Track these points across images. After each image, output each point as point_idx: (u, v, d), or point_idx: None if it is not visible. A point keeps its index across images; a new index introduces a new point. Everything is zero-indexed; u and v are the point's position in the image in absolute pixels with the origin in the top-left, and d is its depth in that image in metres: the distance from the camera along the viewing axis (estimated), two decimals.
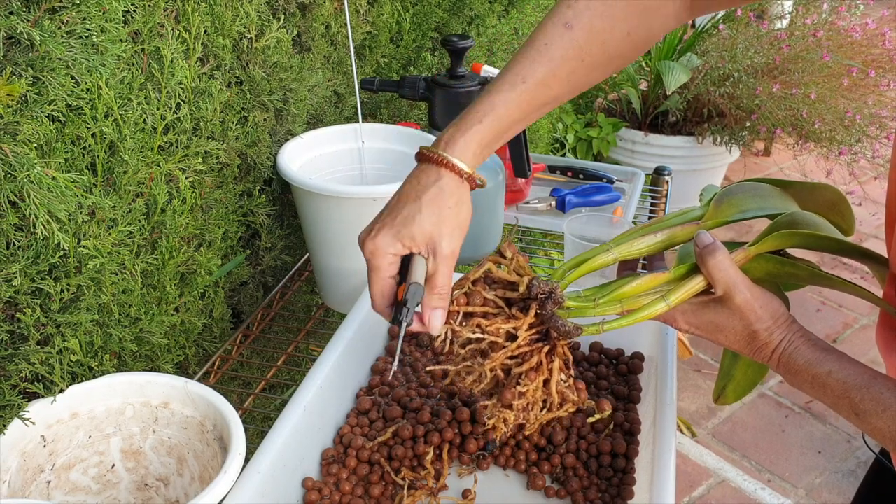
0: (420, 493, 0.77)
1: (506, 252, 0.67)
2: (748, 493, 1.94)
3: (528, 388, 0.65)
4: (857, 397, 0.61)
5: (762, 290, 0.65)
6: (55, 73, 0.64)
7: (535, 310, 0.64)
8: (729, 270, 0.64)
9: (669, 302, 0.65)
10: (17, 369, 0.70)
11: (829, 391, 0.63)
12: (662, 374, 0.83)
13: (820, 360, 0.63)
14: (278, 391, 1.10)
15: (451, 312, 0.65)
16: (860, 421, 0.61)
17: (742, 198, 0.71)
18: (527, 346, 0.65)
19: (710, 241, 0.64)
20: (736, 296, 0.64)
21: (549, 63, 0.69)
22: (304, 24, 1.07)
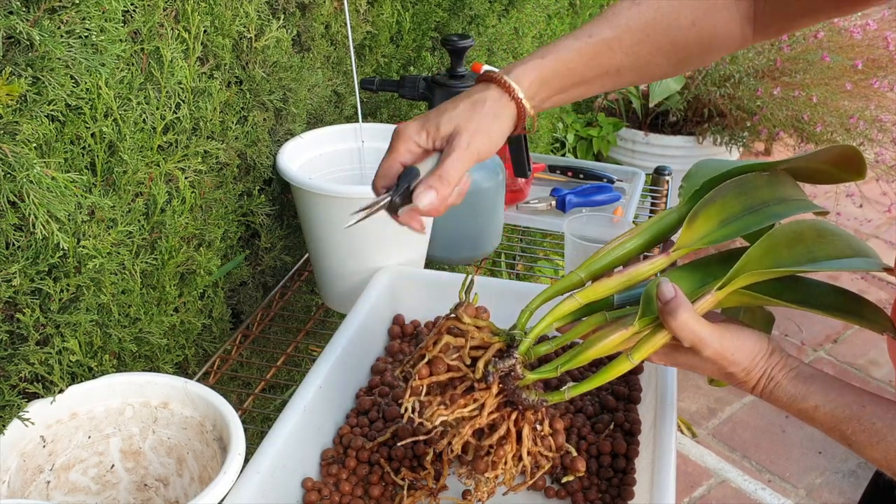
0: (420, 494, 0.77)
1: (463, 318, 0.65)
2: (748, 494, 1.94)
3: (500, 457, 0.65)
4: (847, 430, 0.59)
5: (733, 334, 0.63)
6: (55, 72, 0.64)
7: (498, 384, 0.63)
8: (694, 328, 0.60)
9: (633, 360, 0.63)
10: (16, 369, 0.70)
11: (818, 424, 0.61)
12: (662, 374, 0.83)
13: (804, 394, 0.61)
14: (278, 391, 1.10)
15: (415, 387, 0.65)
16: (854, 450, 0.60)
17: (721, 204, 0.65)
18: (495, 413, 0.64)
19: (671, 297, 0.60)
20: (704, 350, 0.62)
21: (614, 28, 0.69)
22: (303, 23, 1.07)
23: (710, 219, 0.65)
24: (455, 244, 1.18)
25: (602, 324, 0.67)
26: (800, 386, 0.62)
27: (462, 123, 0.65)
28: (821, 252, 0.64)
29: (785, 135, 2.63)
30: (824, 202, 3.02)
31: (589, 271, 0.68)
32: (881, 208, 2.91)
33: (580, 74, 0.69)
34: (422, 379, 0.64)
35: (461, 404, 0.63)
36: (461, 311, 0.65)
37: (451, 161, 0.64)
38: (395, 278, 1.00)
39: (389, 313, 1.00)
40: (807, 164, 0.68)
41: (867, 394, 0.61)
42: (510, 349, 0.65)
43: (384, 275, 1.00)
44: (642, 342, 0.63)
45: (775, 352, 0.64)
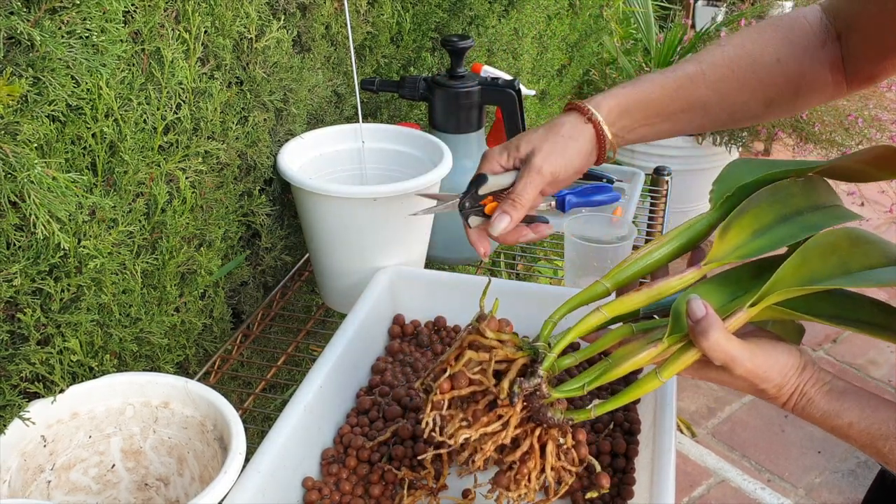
0: (420, 493, 0.77)
1: (486, 332, 0.63)
2: (748, 493, 1.94)
3: (524, 475, 0.63)
4: (884, 448, 0.58)
5: (765, 351, 0.61)
6: (55, 73, 0.64)
7: (523, 403, 0.62)
8: (726, 348, 0.59)
9: (662, 377, 0.62)
10: (17, 369, 0.70)
11: (852, 441, 0.60)
12: None
13: (837, 411, 0.60)
14: (278, 391, 1.10)
15: (436, 401, 0.63)
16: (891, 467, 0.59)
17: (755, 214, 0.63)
18: (518, 429, 0.63)
19: (702, 315, 0.59)
20: (736, 369, 0.60)
21: (699, 64, 0.71)
22: (304, 24, 1.07)
23: (743, 230, 0.62)
24: (455, 244, 1.18)
25: (628, 335, 0.65)
26: (833, 402, 0.60)
27: (538, 145, 0.68)
28: (855, 263, 0.62)
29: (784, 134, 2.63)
30: None
31: (615, 281, 0.66)
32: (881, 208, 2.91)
33: (663, 107, 0.70)
34: (443, 393, 0.62)
35: (484, 422, 0.61)
36: (484, 326, 0.63)
37: (522, 183, 0.67)
38: (395, 278, 1.00)
39: (389, 313, 1.00)
40: (846, 163, 0.67)
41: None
42: (534, 364, 0.63)
43: (384, 275, 1.00)
44: (672, 360, 0.61)
45: (807, 367, 0.62)
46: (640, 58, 2.85)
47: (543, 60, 1.96)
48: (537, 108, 2.07)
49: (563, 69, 2.23)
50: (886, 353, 2.43)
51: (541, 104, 2.11)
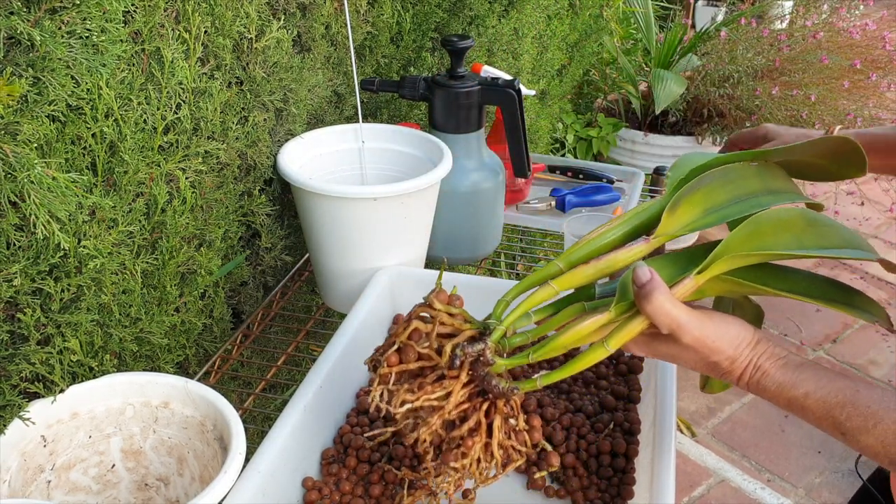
0: (420, 493, 0.77)
1: (434, 304, 0.63)
2: (748, 493, 1.94)
3: (469, 447, 0.62)
4: (841, 416, 0.57)
5: (715, 321, 0.60)
6: (55, 73, 0.64)
7: (468, 370, 0.61)
8: (671, 312, 0.58)
9: (609, 347, 0.60)
10: (17, 369, 0.70)
11: (809, 413, 0.58)
12: (662, 374, 0.83)
13: (794, 382, 0.59)
14: (278, 391, 1.10)
15: (384, 374, 0.62)
16: (848, 440, 0.57)
17: (706, 192, 0.62)
18: (466, 403, 0.62)
19: (646, 280, 0.58)
20: (683, 336, 0.59)
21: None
22: (304, 24, 1.08)
23: (694, 207, 0.61)
24: (455, 244, 1.18)
25: (581, 313, 0.64)
26: (789, 374, 0.59)
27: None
28: (810, 241, 0.61)
29: None
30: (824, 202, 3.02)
31: (568, 261, 0.65)
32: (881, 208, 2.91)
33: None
34: (391, 367, 0.62)
35: (428, 390, 0.61)
36: (432, 297, 0.63)
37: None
38: (395, 278, 1.00)
39: (389, 313, 1.00)
40: (801, 157, 0.65)
41: (860, 379, 0.58)
42: (483, 336, 0.62)
43: (384, 275, 1.00)
44: (618, 329, 0.60)
45: (762, 341, 0.61)
46: (640, 58, 2.85)
47: (543, 60, 1.96)
48: (537, 108, 2.07)
49: (563, 69, 2.23)
50: (886, 352, 2.43)
51: (541, 104, 2.11)
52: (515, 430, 0.64)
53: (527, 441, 0.65)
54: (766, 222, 0.60)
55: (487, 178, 1.16)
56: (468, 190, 1.14)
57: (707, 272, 0.59)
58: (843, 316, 2.57)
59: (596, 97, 2.89)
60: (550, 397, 0.88)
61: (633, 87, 2.73)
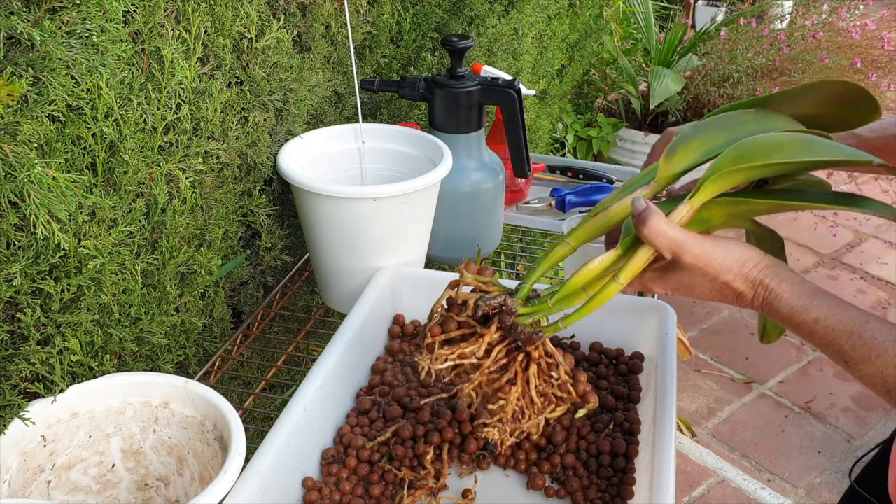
0: (420, 493, 0.77)
1: (464, 274, 0.67)
2: (748, 493, 1.94)
3: (506, 393, 0.65)
4: (846, 344, 0.57)
5: (718, 241, 0.61)
6: (55, 73, 0.64)
7: (496, 324, 0.64)
8: (667, 233, 0.59)
9: (621, 280, 0.62)
10: (17, 369, 0.70)
11: (816, 338, 0.59)
12: (662, 374, 0.83)
13: (805, 307, 0.59)
14: (278, 391, 1.10)
15: (428, 344, 0.67)
16: (849, 368, 0.58)
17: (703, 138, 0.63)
18: (504, 359, 0.65)
19: (642, 208, 0.60)
20: (684, 256, 0.60)
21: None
22: (304, 24, 1.07)
23: (690, 152, 0.62)
24: (455, 244, 1.18)
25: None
26: (802, 299, 0.59)
27: None
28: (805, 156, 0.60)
29: None
30: None
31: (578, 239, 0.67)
32: None
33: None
34: (434, 337, 0.66)
35: (463, 346, 0.65)
36: (461, 268, 0.67)
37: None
38: (395, 278, 1.00)
39: (389, 313, 1.00)
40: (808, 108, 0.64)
41: (869, 312, 0.59)
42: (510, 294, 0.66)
43: (384, 275, 1.00)
44: (626, 262, 0.62)
45: (775, 265, 0.61)
46: (640, 58, 2.85)
47: (543, 60, 1.96)
48: (537, 108, 2.07)
49: (563, 69, 2.23)
50: None
51: (541, 104, 2.11)
52: (559, 383, 0.67)
53: (571, 391, 0.68)
54: (756, 144, 0.59)
55: (487, 178, 1.16)
56: (468, 190, 1.14)
57: (700, 194, 0.59)
58: None
59: (596, 97, 2.89)
60: None
61: (633, 86, 2.73)
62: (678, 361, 0.86)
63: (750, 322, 2.56)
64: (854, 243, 2.95)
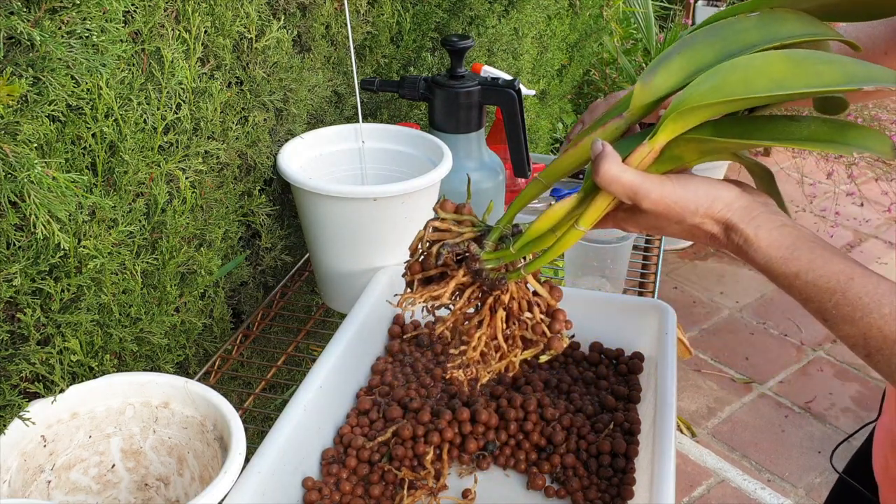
0: (420, 493, 0.77)
1: (439, 213, 0.66)
2: (748, 493, 1.94)
3: (471, 335, 0.65)
4: (828, 303, 0.53)
5: (681, 181, 0.55)
6: (55, 73, 0.64)
7: (464, 269, 0.64)
8: (621, 179, 0.54)
9: (581, 227, 0.58)
10: (17, 369, 0.70)
11: (795, 293, 0.54)
12: (662, 374, 0.83)
13: (784, 258, 0.54)
14: (278, 391, 1.10)
15: (408, 282, 0.66)
16: (829, 325, 0.54)
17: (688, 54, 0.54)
18: (478, 300, 0.65)
19: (598, 151, 0.55)
20: (642, 202, 0.55)
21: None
22: (304, 24, 1.07)
23: (672, 74, 0.54)
24: None
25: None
26: (781, 249, 0.54)
27: None
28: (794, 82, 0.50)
29: None
30: (824, 203, 3.02)
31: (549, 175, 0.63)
32: (881, 208, 2.91)
33: None
34: (413, 275, 0.66)
35: (432, 288, 0.65)
36: (437, 207, 0.66)
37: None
38: (395, 278, 1.00)
39: (389, 313, 1.00)
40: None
41: (856, 265, 0.54)
42: (480, 239, 0.65)
43: (384, 275, 1.00)
44: (586, 208, 0.58)
45: (750, 206, 0.55)
46: (640, 58, 2.85)
47: (543, 60, 1.96)
48: (537, 108, 2.07)
49: (563, 69, 2.23)
50: None
51: (541, 104, 2.11)
52: (532, 322, 0.66)
53: (545, 331, 0.66)
54: (735, 69, 0.51)
55: (487, 178, 1.16)
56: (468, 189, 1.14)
57: (661, 134, 0.53)
58: None
59: (596, 97, 2.89)
60: (550, 398, 0.88)
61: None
62: (678, 361, 0.86)
63: (750, 322, 2.56)
64: (854, 243, 2.95)
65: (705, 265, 2.87)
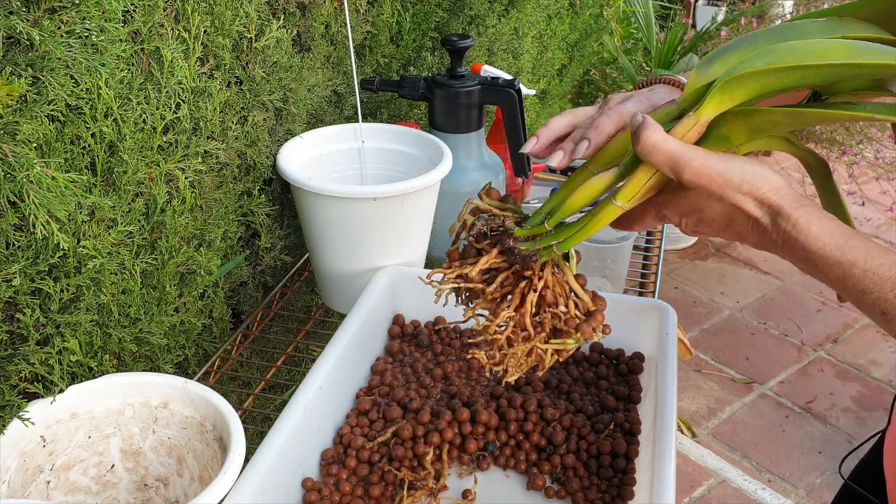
0: (420, 494, 0.77)
1: (483, 198, 0.65)
2: (748, 494, 1.94)
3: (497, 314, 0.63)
4: (891, 293, 0.49)
5: (724, 155, 0.53)
6: (55, 72, 0.64)
7: (498, 248, 0.62)
8: (662, 147, 0.52)
9: (619, 202, 0.56)
10: (16, 369, 0.70)
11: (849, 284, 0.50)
12: (662, 374, 0.83)
13: (839, 246, 0.50)
14: (278, 391, 1.10)
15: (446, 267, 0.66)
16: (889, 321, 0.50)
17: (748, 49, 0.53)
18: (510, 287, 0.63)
19: (638, 122, 0.53)
20: (683, 172, 0.53)
21: None
22: (303, 23, 1.07)
23: (729, 64, 0.53)
24: None
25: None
26: (835, 237, 0.51)
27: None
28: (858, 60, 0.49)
29: None
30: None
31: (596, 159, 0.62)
32: (881, 208, 2.91)
33: None
34: (452, 261, 0.66)
35: (464, 265, 0.64)
36: (482, 193, 0.65)
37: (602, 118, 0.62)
38: (395, 278, 1.00)
39: (389, 313, 1.00)
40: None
41: None
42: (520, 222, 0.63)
43: (384, 275, 1.00)
44: (626, 182, 0.56)
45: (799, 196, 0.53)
46: (640, 58, 2.85)
47: (543, 60, 1.95)
48: (537, 108, 2.07)
49: (563, 69, 2.23)
50: (887, 352, 2.43)
51: (541, 104, 2.11)
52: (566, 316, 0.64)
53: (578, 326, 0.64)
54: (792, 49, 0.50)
55: (487, 177, 1.15)
56: (468, 190, 1.14)
57: (707, 105, 0.51)
58: (844, 316, 2.57)
59: (596, 97, 2.88)
60: (551, 398, 0.88)
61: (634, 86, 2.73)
62: (678, 361, 0.86)
63: (750, 322, 2.56)
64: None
65: (706, 265, 2.87)
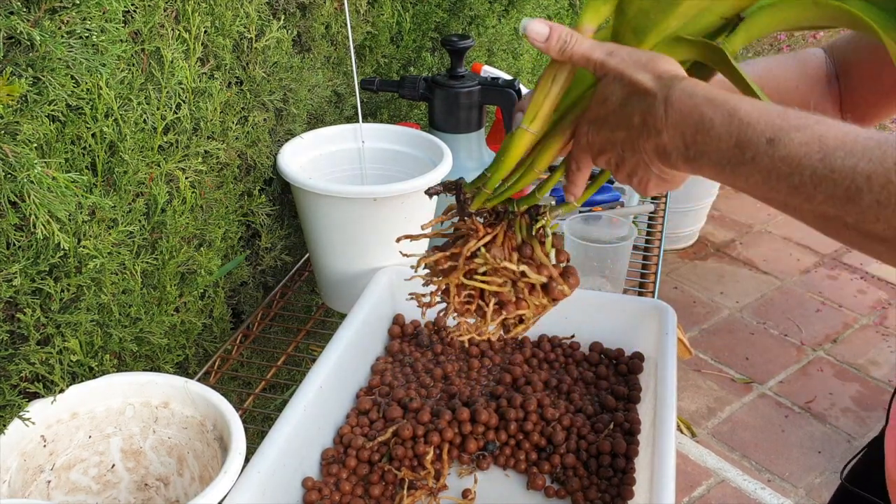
0: (420, 493, 0.77)
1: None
2: (748, 493, 1.94)
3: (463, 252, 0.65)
4: (778, 118, 0.47)
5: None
6: (55, 73, 0.64)
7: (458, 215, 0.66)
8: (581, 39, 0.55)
9: (524, 126, 0.57)
10: (17, 369, 0.70)
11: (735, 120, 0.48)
12: (662, 374, 0.83)
13: (724, 96, 0.49)
14: (278, 391, 1.10)
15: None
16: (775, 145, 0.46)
17: None
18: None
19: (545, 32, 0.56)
20: (595, 51, 0.54)
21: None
22: (304, 24, 1.07)
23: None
24: None
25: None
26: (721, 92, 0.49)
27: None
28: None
29: None
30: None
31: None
32: None
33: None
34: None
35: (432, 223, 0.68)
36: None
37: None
38: (395, 278, 1.00)
39: (389, 313, 1.00)
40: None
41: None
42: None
43: (384, 275, 1.00)
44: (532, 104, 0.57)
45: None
46: None
47: (544, 60, 1.96)
48: None
49: None
50: (886, 352, 2.43)
51: None
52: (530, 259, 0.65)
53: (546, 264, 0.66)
54: None
55: None
56: None
57: (582, 15, 0.55)
58: (844, 316, 2.57)
59: None
60: (551, 398, 0.88)
61: None
62: (678, 361, 0.86)
63: (750, 322, 2.56)
64: None
65: (705, 265, 2.87)
